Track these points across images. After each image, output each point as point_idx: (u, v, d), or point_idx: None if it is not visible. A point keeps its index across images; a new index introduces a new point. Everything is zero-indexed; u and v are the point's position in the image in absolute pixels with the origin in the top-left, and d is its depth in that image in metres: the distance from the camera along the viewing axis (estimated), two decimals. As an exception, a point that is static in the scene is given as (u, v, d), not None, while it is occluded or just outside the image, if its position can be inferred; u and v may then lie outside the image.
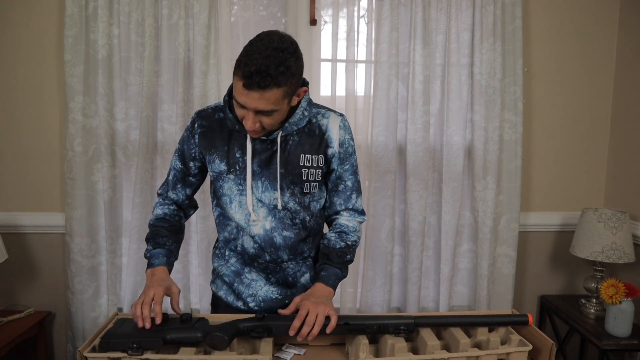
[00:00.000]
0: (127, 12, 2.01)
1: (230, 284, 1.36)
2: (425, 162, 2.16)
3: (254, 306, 1.34)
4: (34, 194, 2.16)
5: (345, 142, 1.29)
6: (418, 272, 2.20)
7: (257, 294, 1.34)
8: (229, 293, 1.37)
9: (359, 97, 2.16)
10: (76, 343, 2.11)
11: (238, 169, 1.24)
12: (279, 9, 2.21)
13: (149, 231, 1.32)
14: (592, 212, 2.06)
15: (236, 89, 1.08)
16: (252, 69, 1.03)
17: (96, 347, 1.04)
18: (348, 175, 1.32)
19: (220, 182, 1.27)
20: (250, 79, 1.03)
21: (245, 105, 1.08)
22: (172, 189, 1.36)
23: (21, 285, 2.20)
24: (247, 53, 1.05)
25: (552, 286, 2.44)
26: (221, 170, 1.25)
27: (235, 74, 1.07)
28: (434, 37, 2.14)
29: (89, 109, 2.03)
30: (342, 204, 1.33)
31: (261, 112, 1.10)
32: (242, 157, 1.23)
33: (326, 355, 1.17)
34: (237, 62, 1.07)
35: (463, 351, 1.06)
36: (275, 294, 1.34)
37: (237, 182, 1.25)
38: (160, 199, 1.38)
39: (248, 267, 1.34)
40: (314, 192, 1.28)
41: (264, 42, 1.06)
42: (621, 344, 1.88)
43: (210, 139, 1.26)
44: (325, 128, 1.27)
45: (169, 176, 1.36)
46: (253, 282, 1.34)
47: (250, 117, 1.10)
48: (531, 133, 2.32)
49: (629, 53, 2.25)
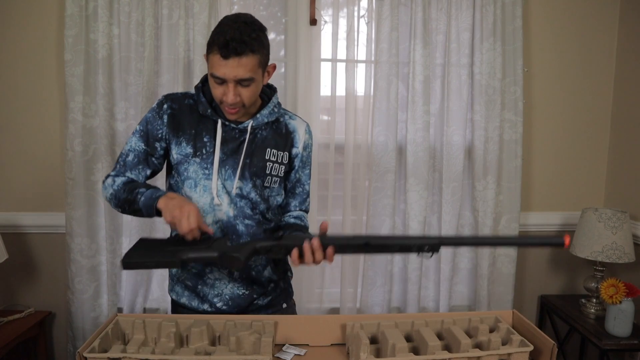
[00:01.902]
0: (127, 12, 2.01)
1: (193, 287, 1.33)
2: (425, 162, 2.16)
3: (222, 306, 1.32)
4: (34, 194, 2.16)
5: (309, 147, 1.38)
6: (418, 272, 2.20)
7: (222, 293, 1.32)
8: (192, 298, 1.34)
9: (359, 97, 2.16)
10: (76, 343, 2.11)
11: (205, 153, 1.25)
12: (279, 8, 2.21)
13: (125, 189, 1.21)
14: (592, 212, 2.06)
15: (213, 65, 1.14)
16: (227, 36, 1.10)
17: (96, 348, 1.04)
18: (306, 180, 1.40)
19: (186, 165, 1.26)
20: (227, 48, 1.10)
21: (225, 77, 1.13)
22: (131, 169, 1.27)
23: (21, 285, 2.20)
24: (219, 28, 1.14)
25: (552, 286, 2.44)
26: (187, 152, 1.26)
27: (211, 51, 1.14)
28: (434, 37, 2.14)
29: (89, 109, 2.02)
30: (297, 206, 1.41)
31: (240, 83, 1.15)
32: (210, 141, 1.25)
33: (326, 355, 1.17)
34: (210, 40, 1.14)
35: (464, 351, 1.06)
36: (242, 289, 1.32)
37: (202, 165, 1.25)
38: (112, 178, 1.26)
39: (210, 266, 1.31)
40: (274, 187, 1.32)
41: (232, 18, 1.16)
42: (621, 344, 1.88)
43: (179, 122, 1.27)
44: (293, 129, 1.34)
45: (126, 157, 1.28)
46: (217, 282, 1.32)
47: (231, 88, 1.15)
48: (531, 133, 2.32)
49: (629, 53, 2.25)
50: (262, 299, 1.36)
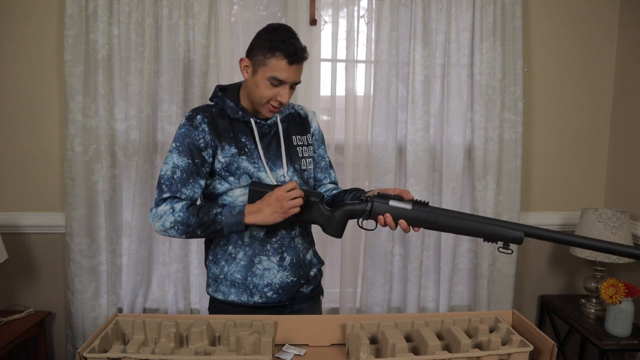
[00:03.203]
0: (127, 12, 2.00)
1: (243, 280, 1.35)
2: (425, 162, 2.16)
3: (272, 295, 1.35)
4: (34, 194, 2.16)
5: (318, 128, 1.54)
6: (418, 272, 2.20)
7: (272, 283, 1.35)
8: (240, 293, 1.35)
9: (359, 97, 2.16)
10: (76, 343, 2.11)
11: (248, 151, 1.34)
12: (279, 9, 2.21)
13: (194, 213, 1.24)
14: (592, 212, 2.06)
15: (276, 68, 1.25)
16: (297, 46, 1.26)
17: (96, 348, 1.04)
18: (325, 155, 1.55)
19: (236, 163, 1.32)
20: (296, 55, 1.25)
21: (287, 80, 1.27)
22: (184, 185, 1.29)
23: (21, 285, 2.20)
24: (281, 36, 1.25)
25: (552, 286, 2.44)
26: (233, 152, 1.33)
27: (272, 56, 1.25)
28: (434, 37, 2.14)
29: (89, 109, 2.02)
30: (327, 177, 1.54)
31: (293, 86, 1.31)
32: (249, 140, 1.35)
33: (326, 355, 1.17)
34: (270, 46, 1.25)
35: (464, 352, 1.06)
36: (290, 277, 1.37)
37: (251, 161, 1.33)
38: (170, 205, 1.27)
39: (259, 256, 1.34)
40: (310, 169, 1.45)
41: (287, 28, 1.29)
42: (621, 344, 1.88)
43: (216, 129, 1.33)
44: (305, 115, 1.51)
45: (173, 175, 1.28)
46: (266, 272, 1.35)
47: (287, 90, 1.29)
48: (531, 133, 2.32)
49: (629, 53, 2.25)
50: (306, 288, 1.43)
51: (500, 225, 1.15)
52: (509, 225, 1.15)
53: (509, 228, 1.15)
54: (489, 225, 1.15)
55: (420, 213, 1.20)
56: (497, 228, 1.14)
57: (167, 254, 2.13)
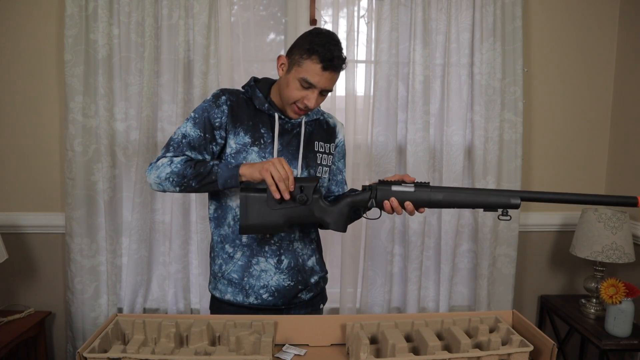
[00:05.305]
0: (127, 12, 2.01)
1: (239, 280, 1.35)
2: (425, 162, 2.16)
3: (268, 297, 1.35)
4: (34, 194, 2.16)
5: (343, 141, 1.52)
6: (418, 272, 2.20)
7: (269, 285, 1.35)
8: (236, 293, 1.36)
9: (359, 97, 2.16)
10: (76, 343, 2.11)
11: (263, 144, 1.33)
12: (279, 9, 2.21)
13: (191, 165, 1.24)
14: (592, 212, 2.06)
15: (309, 71, 1.24)
16: (334, 53, 1.23)
17: (96, 348, 1.04)
18: (343, 169, 1.54)
19: (244, 153, 1.32)
20: (332, 62, 1.23)
21: (317, 85, 1.25)
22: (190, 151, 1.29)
23: (21, 285, 2.20)
24: (320, 40, 1.23)
25: (552, 286, 2.44)
26: (246, 142, 1.32)
27: (308, 58, 1.23)
28: (434, 37, 2.14)
29: (89, 109, 2.03)
30: (340, 192, 1.52)
31: (323, 92, 1.29)
32: (268, 133, 1.34)
33: (326, 355, 1.17)
34: (308, 47, 1.23)
35: (464, 352, 1.06)
36: (287, 281, 1.36)
37: (260, 154, 1.32)
38: (169, 158, 1.27)
39: (256, 257, 1.34)
40: (324, 178, 1.43)
41: (332, 34, 1.26)
42: (621, 344, 1.88)
43: (237, 114, 1.33)
44: (333, 124, 1.49)
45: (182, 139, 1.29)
46: (263, 273, 1.35)
47: (316, 95, 1.27)
48: (531, 133, 2.32)
49: (629, 53, 2.25)
50: (305, 294, 1.41)
51: (498, 194, 1.21)
52: (506, 193, 1.21)
53: (506, 196, 1.21)
54: (487, 195, 1.22)
55: (423, 194, 1.23)
56: (495, 197, 1.21)
57: (167, 254, 2.13)
